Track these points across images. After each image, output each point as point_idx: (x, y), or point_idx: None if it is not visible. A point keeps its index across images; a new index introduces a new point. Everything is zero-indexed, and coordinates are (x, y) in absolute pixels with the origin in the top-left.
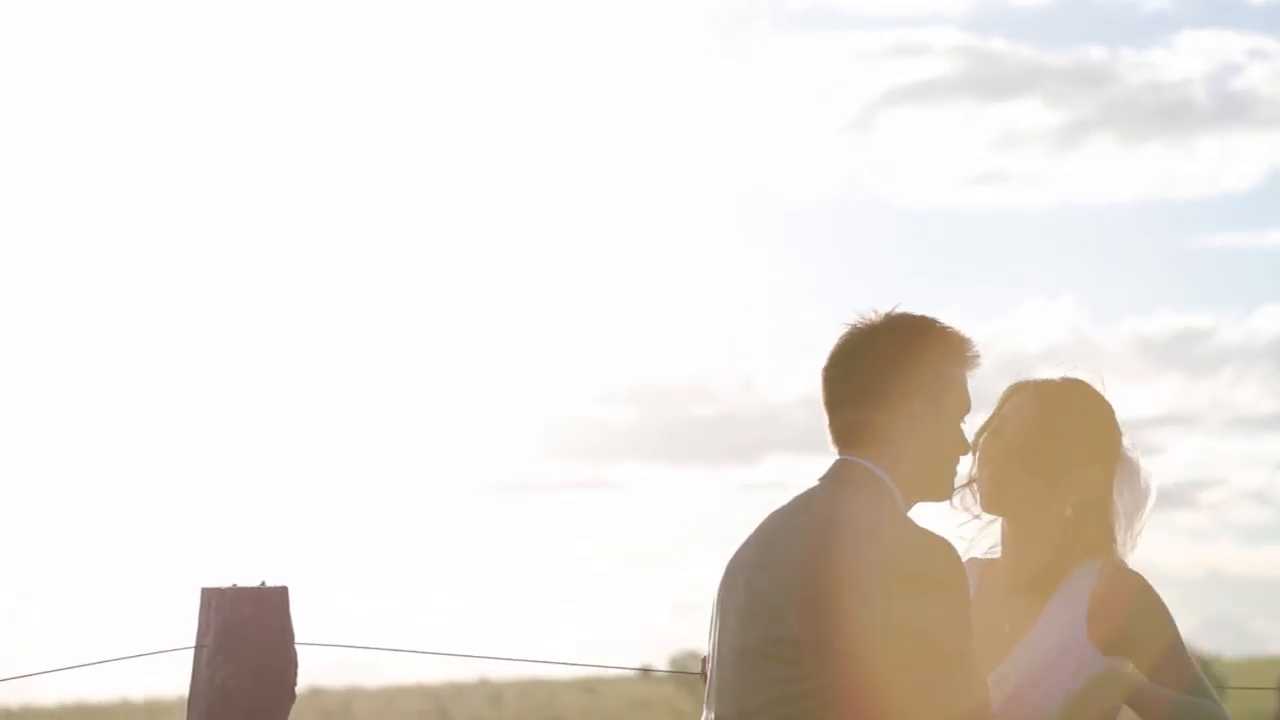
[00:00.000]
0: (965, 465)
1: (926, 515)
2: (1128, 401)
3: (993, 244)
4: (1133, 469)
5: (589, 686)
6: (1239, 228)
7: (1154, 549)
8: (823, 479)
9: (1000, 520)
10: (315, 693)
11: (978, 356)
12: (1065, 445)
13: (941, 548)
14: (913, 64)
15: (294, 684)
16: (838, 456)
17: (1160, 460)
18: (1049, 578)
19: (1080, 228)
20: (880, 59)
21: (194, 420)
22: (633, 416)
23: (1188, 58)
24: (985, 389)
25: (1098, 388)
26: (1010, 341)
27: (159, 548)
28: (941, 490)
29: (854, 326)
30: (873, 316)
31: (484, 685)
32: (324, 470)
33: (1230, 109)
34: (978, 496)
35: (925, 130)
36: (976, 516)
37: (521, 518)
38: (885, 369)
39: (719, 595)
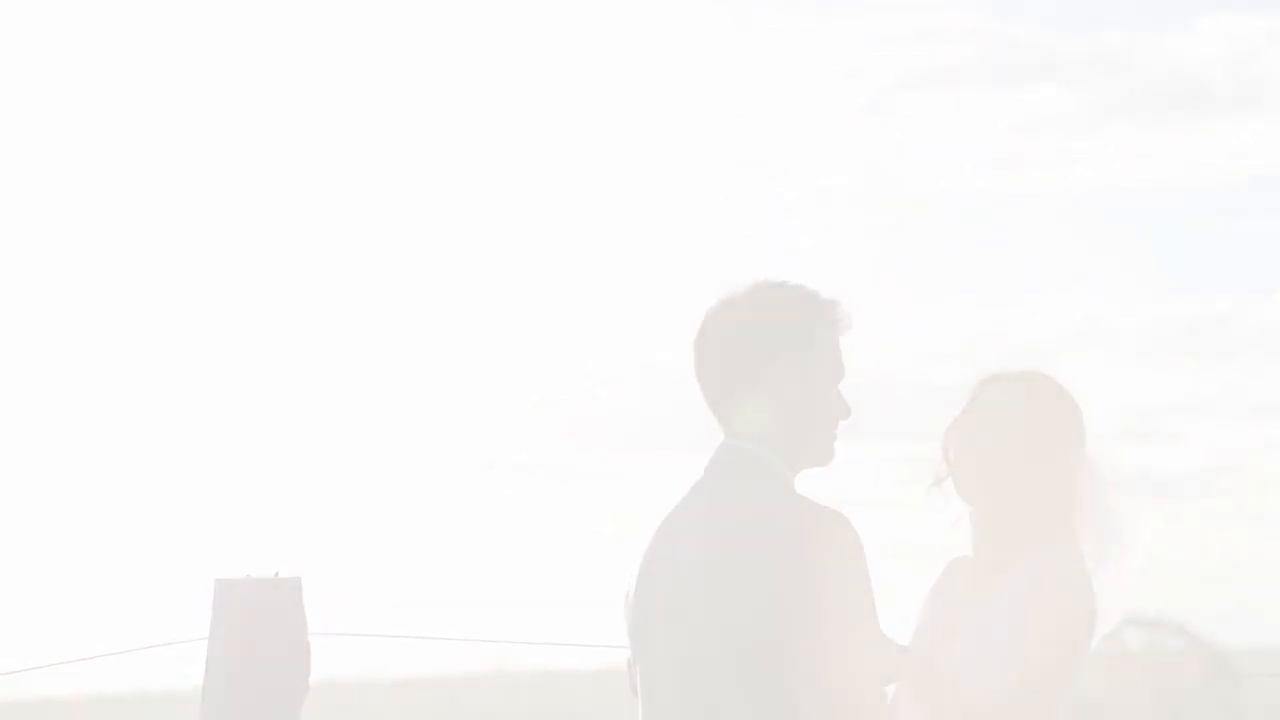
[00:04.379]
0: (940, 459)
1: (932, 516)
2: (1144, 389)
3: (1009, 230)
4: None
5: (605, 676)
6: (1258, 214)
7: (1169, 538)
8: (707, 469)
9: (967, 515)
10: (329, 684)
11: (847, 317)
12: (1052, 429)
13: (834, 522)
14: (929, 48)
15: (307, 675)
16: (722, 439)
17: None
18: (1012, 559)
19: (1098, 213)
20: (896, 43)
21: (206, 408)
22: (641, 402)
23: (1207, 42)
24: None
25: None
26: (1026, 328)
27: (171, 539)
28: (820, 455)
29: (718, 300)
30: (736, 288)
31: (501, 676)
32: (335, 461)
33: (1251, 94)
34: (959, 488)
35: (941, 115)
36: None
37: (535, 504)
38: (744, 335)
39: (637, 598)
